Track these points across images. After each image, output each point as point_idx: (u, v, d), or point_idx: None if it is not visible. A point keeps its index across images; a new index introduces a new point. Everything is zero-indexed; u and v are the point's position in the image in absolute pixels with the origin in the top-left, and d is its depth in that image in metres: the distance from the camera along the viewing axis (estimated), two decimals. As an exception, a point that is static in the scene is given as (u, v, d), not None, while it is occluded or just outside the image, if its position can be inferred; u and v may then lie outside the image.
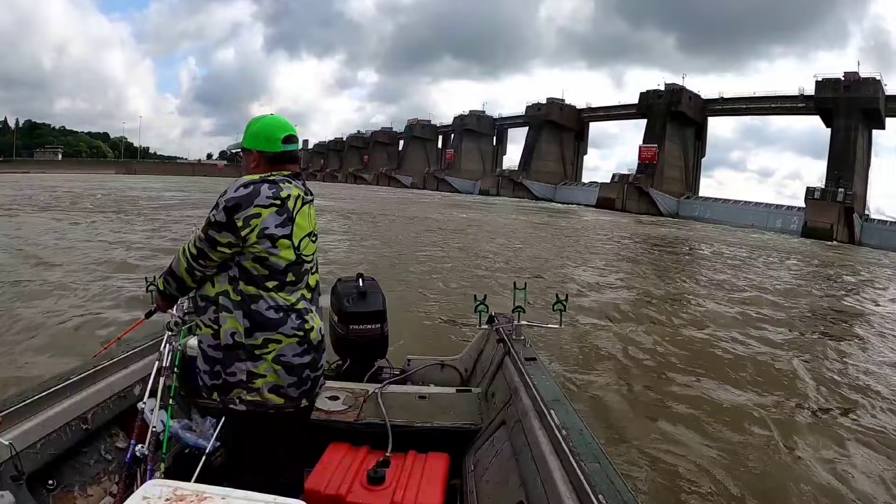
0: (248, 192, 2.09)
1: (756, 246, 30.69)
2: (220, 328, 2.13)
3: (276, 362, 2.14)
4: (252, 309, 2.12)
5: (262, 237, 2.08)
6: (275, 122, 2.27)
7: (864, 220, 52.56)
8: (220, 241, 2.08)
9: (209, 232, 2.08)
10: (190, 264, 2.15)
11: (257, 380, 2.13)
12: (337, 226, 23.36)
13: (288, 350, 2.16)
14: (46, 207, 24.61)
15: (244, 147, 2.27)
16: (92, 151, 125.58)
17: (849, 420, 6.02)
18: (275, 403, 2.17)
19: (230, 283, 2.13)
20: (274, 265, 2.13)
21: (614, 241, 27.86)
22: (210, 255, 2.10)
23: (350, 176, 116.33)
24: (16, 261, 11.33)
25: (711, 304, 11.96)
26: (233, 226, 2.05)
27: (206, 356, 2.19)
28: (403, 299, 9.28)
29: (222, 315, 2.13)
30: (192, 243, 2.14)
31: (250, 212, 2.06)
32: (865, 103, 53.98)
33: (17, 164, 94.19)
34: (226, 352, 2.14)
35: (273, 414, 2.18)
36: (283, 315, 2.15)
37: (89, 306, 8.23)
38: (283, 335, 2.15)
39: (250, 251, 2.09)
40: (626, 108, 79.36)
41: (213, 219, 2.08)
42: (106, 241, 14.93)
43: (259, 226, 2.07)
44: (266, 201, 2.09)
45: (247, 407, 2.15)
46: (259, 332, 2.12)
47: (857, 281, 20.41)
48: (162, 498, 1.46)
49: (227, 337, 2.12)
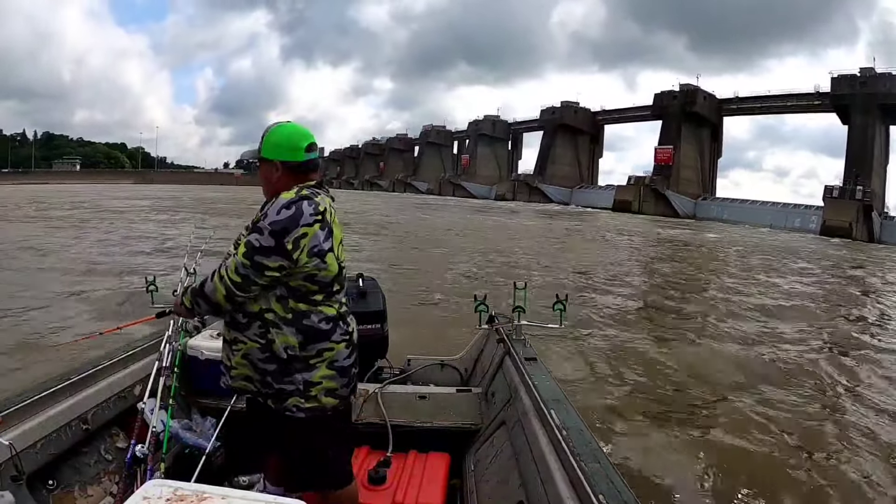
0: (293, 214, 2.04)
1: (781, 249, 29.72)
2: (273, 343, 2.12)
3: (329, 368, 2.17)
4: (304, 324, 2.12)
5: (312, 255, 2.07)
6: (296, 130, 2.20)
7: (883, 218, 51.87)
8: (269, 266, 2.02)
9: (255, 258, 2.02)
10: (231, 292, 2.07)
11: (314, 388, 2.15)
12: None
13: (339, 356, 2.19)
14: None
15: (264, 157, 2.19)
16: (110, 162, 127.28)
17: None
18: (332, 406, 2.20)
19: (278, 302, 2.11)
20: (323, 280, 2.13)
21: (647, 244, 27.66)
22: (257, 280, 2.05)
23: (366, 183, 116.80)
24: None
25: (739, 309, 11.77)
26: (283, 249, 2.02)
27: (255, 367, 2.17)
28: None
29: (272, 331, 2.11)
30: (231, 270, 2.06)
31: (298, 233, 2.03)
32: (882, 99, 53.33)
33: (36, 176, 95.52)
34: (280, 364, 2.13)
35: (330, 416, 2.22)
36: (333, 325, 2.18)
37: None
38: (334, 343, 2.18)
39: (301, 271, 2.08)
40: (641, 110, 79.19)
41: (258, 244, 2.03)
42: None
43: (308, 245, 2.05)
44: (311, 219, 2.06)
45: (306, 414, 2.16)
46: (313, 344, 2.14)
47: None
48: (162, 498, 1.45)
49: (281, 352, 2.11)
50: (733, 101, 71.35)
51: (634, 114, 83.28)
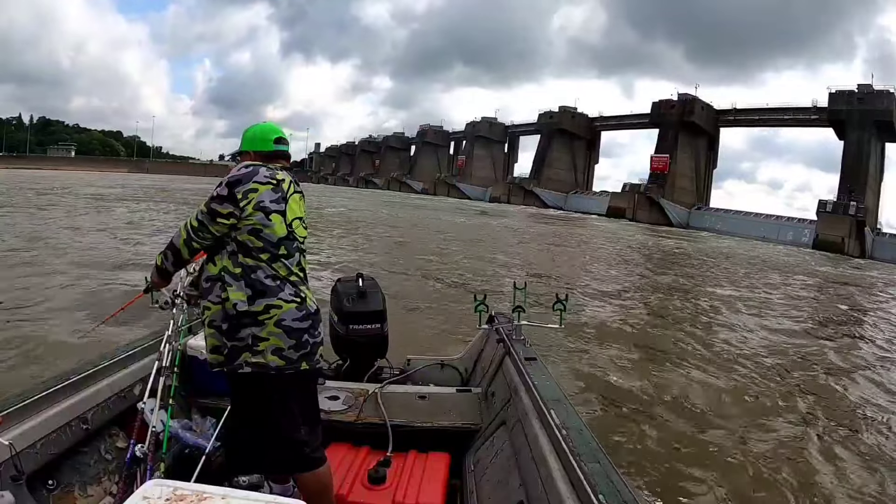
0: (248, 171, 2.36)
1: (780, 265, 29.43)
2: (226, 301, 2.29)
3: (277, 326, 2.28)
4: (252, 278, 2.29)
5: (257, 209, 2.30)
6: (267, 126, 2.60)
7: (876, 234, 52.12)
8: (220, 213, 2.28)
9: (211, 205, 2.30)
10: (189, 236, 2.34)
11: (261, 343, 2.27)
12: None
13: (287, 315, 2.31)
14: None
15: (243, 151, 2.55)
16: (105, 150, 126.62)
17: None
18: (276, 365, 2.29)
19: (230, 258, 2.31)
20: (267, 237, 2.31)
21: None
22: (210, 227, 2.30)
23: (361, 180, 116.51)
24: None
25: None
26: (233, 197, 2.28)
27: (219, 331, 2.32)
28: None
29: (227, 289, 2.29)
30: (193, 217, 2.33)
31: (248, 186, 2.30)
32: (879, 116, 53.58)
33: (30, 161, 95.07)
34: (232, 321, 2.28)
35: (274, 376, 2.30)
36: (280, 283, 2.32)
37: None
38: (282, 300, 2.31)
39: (246, 223, 2.29)
40: (639, 118, 79.09)
41: (215, 193, 2.31)
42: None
43: (255, 199, 2.30)
44: (263, 179, 2.34)
45: (252, 369, 2.28)
46: (260, 298, 2.28)
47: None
48: (162, 498, 1.45)
49: (232, 308, 2.27)
50: (730, 113, 71.44)
51: (632, 121, 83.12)
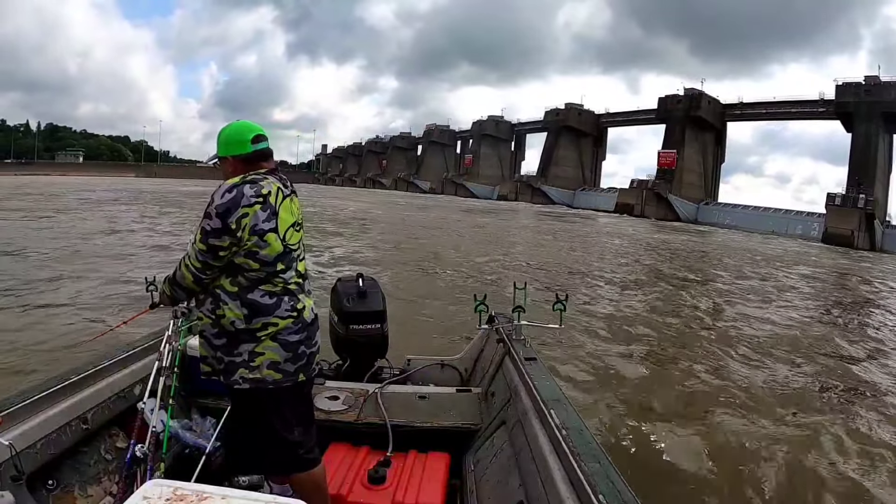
0: (234, 196, 2.21)
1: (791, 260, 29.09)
2: (222, 318, 2.27)
3: (273, 340, 2.28)
4: (249, 298, 2.26)
5: (253, 234, 2.22)
6: (241, 125, 2.42)
7: (885, 227, 51.73)
8: (221, 247, 2.21)
9: (209, 241, 2.21)
10: (197, 277, 2.27)
11: (257, 358, 2.27)
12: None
13: (284, 330, 2.30)
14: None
15: (220, 156, 2.41)
16: (113, 155, 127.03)
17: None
18: (273, 379, 2.29)
19: (226, 278, 2.28)
20: (264, 258, 2.26)
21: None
22: (214, 263, 2.24)
23: (368, 181, 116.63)
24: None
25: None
26: (229, 229, 2.19)
27: (210, 344, 2.33)
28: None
29: (222, 306, 2.27)
30: (192, 257, 2.26)
31: (240, 213, 2.20)
32: (887, 107, 53.13)
33: (39, 167, 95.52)
34: (230, 337, 2.28)
35: (272, 389, 2.30)
36: (277, 300, 2.30)
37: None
38: (279, 318, 2.29)
39: (243, 248, 2.23)
40: (645, 114, 78.97)
41: (209, 227, 2.21)
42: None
43: (249, 224, 2.21)
44: (251, 200, 2.22)
45: (249, 385, 2.28)
46: (257, 317, 2.27)
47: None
48: (162, 498, 1.46)
49: (229, 326, 2.27)
50: (737, 107, 71.04)
51: (638, 117, 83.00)
